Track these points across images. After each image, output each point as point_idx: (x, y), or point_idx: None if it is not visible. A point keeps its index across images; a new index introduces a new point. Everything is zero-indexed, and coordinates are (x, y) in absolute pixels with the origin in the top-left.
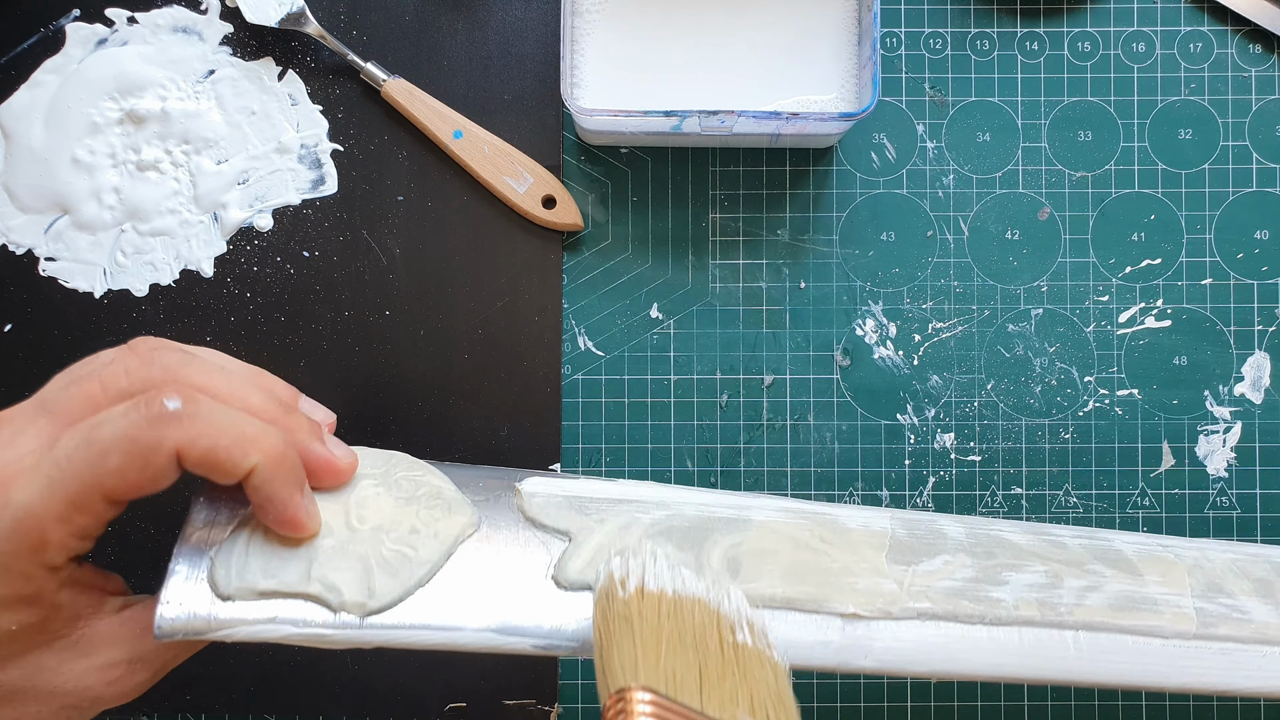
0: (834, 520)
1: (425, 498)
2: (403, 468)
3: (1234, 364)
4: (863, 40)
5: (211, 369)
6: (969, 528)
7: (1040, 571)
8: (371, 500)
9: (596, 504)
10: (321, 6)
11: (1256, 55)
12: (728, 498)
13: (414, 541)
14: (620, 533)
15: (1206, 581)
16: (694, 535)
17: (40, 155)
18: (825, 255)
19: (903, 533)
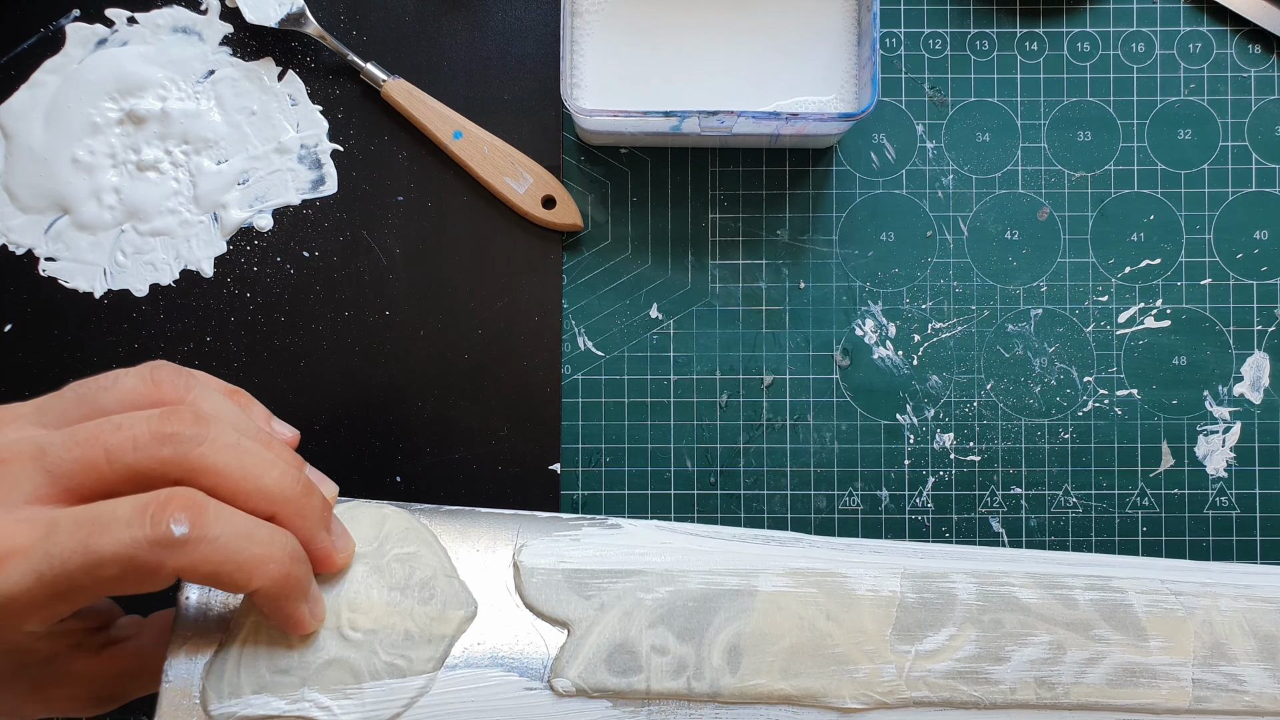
0: (843, 585)
1: (418, 589)
2: (395, 543)
3: (1233, 364)
4: (862, 40)
5: (226, 448)
6: (980, 585)
7: (1044, 643)
8: (364, 598)
9: (599, 581)
10: (321, 7)
11: (1256, 55)
12: (736, 556)
13: (408, 649)
14: (622, 621)
15: (1212, 643)
16: (698, 618)
17: (40, 155)
18: (825, 255)
19: (912, 598)
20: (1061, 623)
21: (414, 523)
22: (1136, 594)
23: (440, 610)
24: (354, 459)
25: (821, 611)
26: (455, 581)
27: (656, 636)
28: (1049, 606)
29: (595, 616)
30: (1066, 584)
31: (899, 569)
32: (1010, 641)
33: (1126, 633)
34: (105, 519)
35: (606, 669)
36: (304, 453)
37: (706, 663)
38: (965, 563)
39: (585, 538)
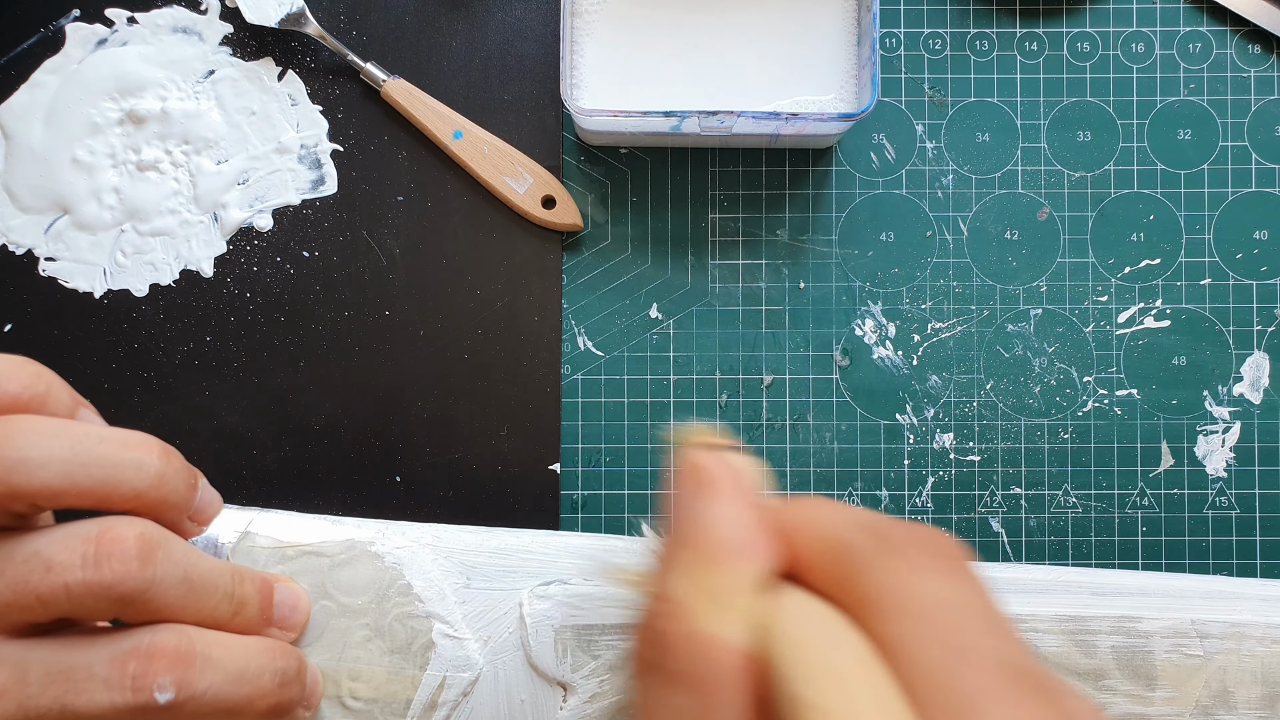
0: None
1: (421, 652)
2: (396, 600)
3: (1233, 364)
4: (862, 40)
5: (175, 586)
6: None
7: None
8: (364, 666)
9: (608, 638)
10: (321, 7)
11: (1256, 56)
12: None
13: (408, 716)
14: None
15: (1219, 691)
16: None
17: (40, 155)
18: (824, 255)
19: None
20: (1075, 671)
21: (418, 570)
22: (1161, 638)
23: (443, 676)
24: (354, 459)
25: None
26: (460, 644)
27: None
28: (1067, 654)
29: (601, 679)
30: (1092, 629)
31: None
32: None
33: (1136, 682)
34: (81, 674)
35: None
36: (305, 456)
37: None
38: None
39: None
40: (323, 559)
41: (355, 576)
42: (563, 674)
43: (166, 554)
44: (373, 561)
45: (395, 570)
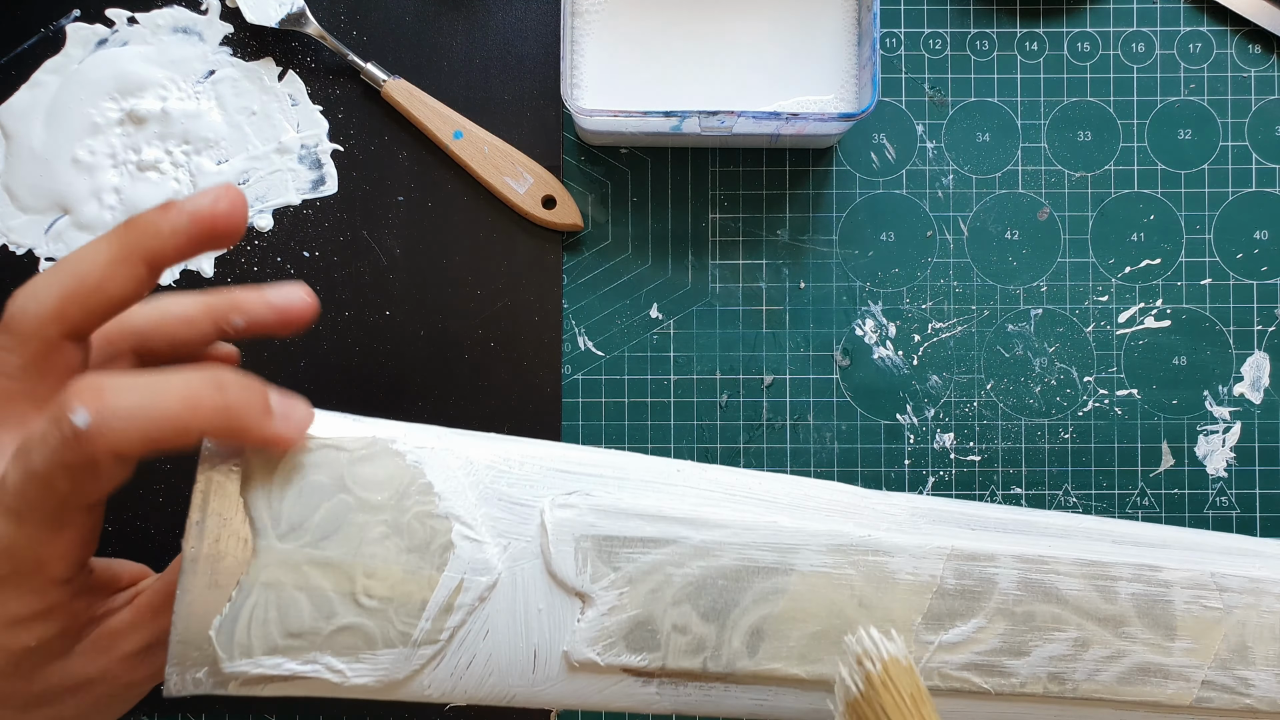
0: (883, 567)
1: (439, 553)
2: (416, 498)
3: (1233, 364)
4: (862, 41)
5: (136, 375)
6: (1024, 572)
7: (1069, 639)
8: (380, 563)
9: (629, 550)
10: (321, 7)
11: (1256, 55)
12: (772, 526)
13: (425, 618)
14: (647, 598)
15: (1238, 645)
16: (725, 597)
17: (40, 155)
18: (825, 255)
19: (951, 583)
20: (1094, 617)
21: (440, 469)
22: (1181, 588)
23: (460, 578)
24: None
25: (854, 596)
26: (479, 546)
27: (680, 615)
28: (1087, 599)
29: (620, 591)
30: (1113, 574)
31: (947, 549)
32: (1036, 636)
33: (1155, 631)
34: (29, 443)
35: (624, 644)
36: None
37: (726, 645)
38: (1018, 543)
39: (631, 492)
40: (342, 453)
41: (375, 472)
42: (582, 584)
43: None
44: (394, 459)
45: (416, 469)
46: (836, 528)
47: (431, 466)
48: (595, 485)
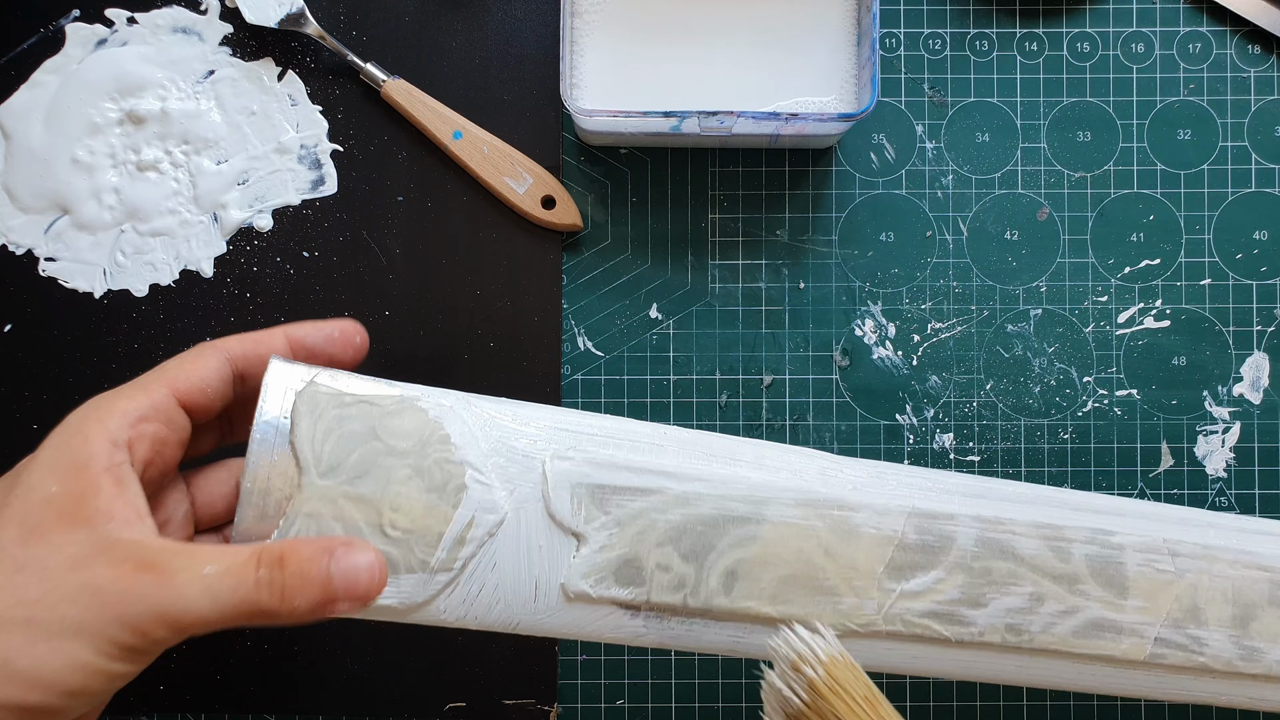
0: (848, 520)
1: (454, 493)
2: (436, 446)
3: (1233, 364)
4: (862, 41)
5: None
6: (982, 530)
7: (1025, 594)
8: (404, 499)
9: (619, 497)
10: (321, 7)
11: (1255, 56)
12: (747, 482)
13: (441, 549)
14: (634, 539)
15: (1189, 606)
16: (704, 540)
17: (40, 155)
18: (824, 256)
19: (913, 538)
20: (1049, 574)
21: (457, 424)
22: (1133, 551)
23: (472, 515)
24: None
25: (820, 546)
26: (489, 489)
27: (663, 555)
28: (1042, 558)
29: (611, 533)
30: (1067, 535)
31: (908, 508)
32: (993, 589)
33: (1109, 589)
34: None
35: (614, 579)
36: None
37: (704, 584)
38: (977, 505)
39: (623, 450)
40: (375, 408)
41: (403, 424)
42: (577, 524)
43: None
44: (418, 414)
45: (437, 423)
46: (805, 485)
47: (450, 421)
48: (590, 443)
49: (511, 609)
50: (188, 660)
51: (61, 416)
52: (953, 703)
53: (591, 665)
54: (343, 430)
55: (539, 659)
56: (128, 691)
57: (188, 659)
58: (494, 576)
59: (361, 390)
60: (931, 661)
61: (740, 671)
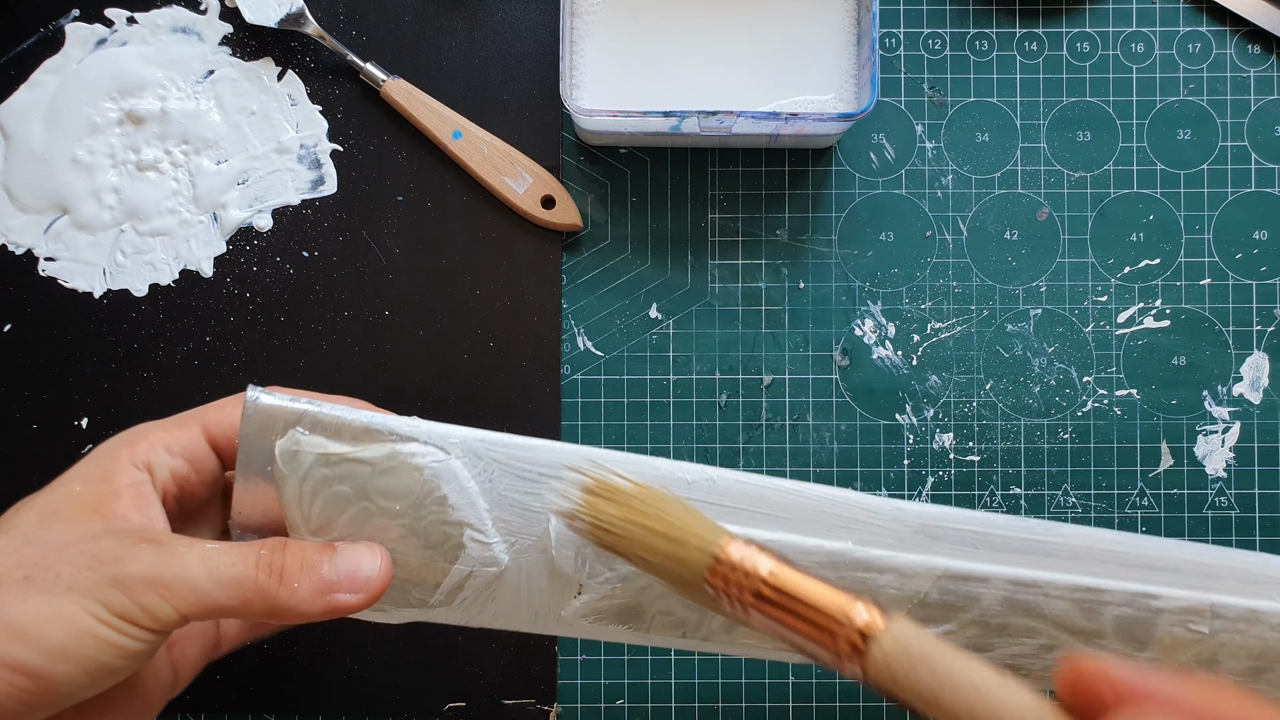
0: (868, 583)
1: (451, 550)
2: (432, 508)
3: (1233, 364)
4: (861, 40)
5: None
6: (1012, 594)
7: (1036, 645)
8: (400, 556)
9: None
10: (321, 7)
11: (1255, 56)
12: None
13: (437, 593)
14: (637, 594)
15: (1206, 659)
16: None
17: (40, 155)
18: (824, 255)
19: (935, 597)
20: (1069, 629)
21: (454, 484)
22: (1170, 613)
23: (470, 570)
24: None
25: None
26: (487, 548)
27: (666, 604)
28: (1068, 617)
29: (614, 586)
30: (1104, 599)
31: (940, 569)
32: (1004, 640)
33: (1128, 644)
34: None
35: (614, 619)
36: None
37: (705, 625)
38: (1018, 566)
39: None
40: (365, 467)
41: (395, 485)
42: (580, 578)
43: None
44: (412, 473)
45: (432, 483)
46: (835, 546)
47: (447, 480)
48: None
49: (511, 625)
50: None
51: (61, 416)
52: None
53: (591, 665)
54: (330, 491)
55: (539, 659)
56: None
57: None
58: (493, 607)
59: (347, 448)
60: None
61: (740, 672)
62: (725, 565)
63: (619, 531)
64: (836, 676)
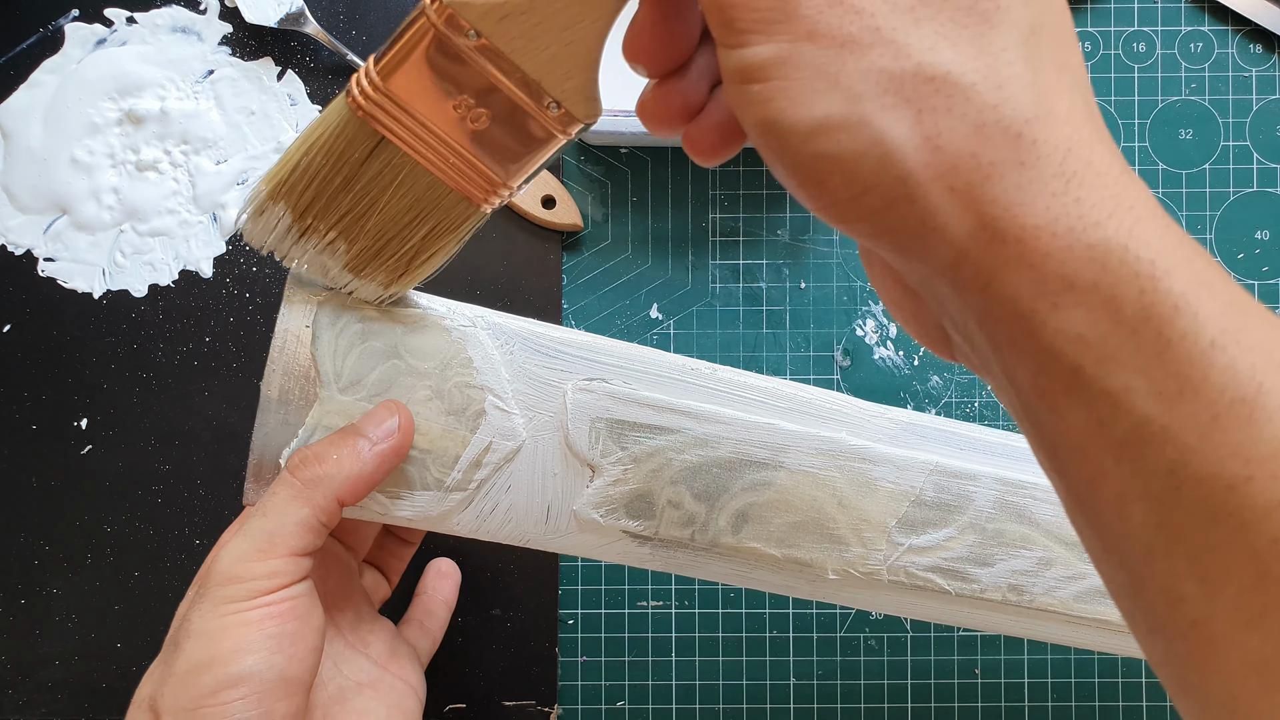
0: (867, 474)
1: (473, 418)
2: (458, 370)
3: None
4: None
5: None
6: (1001, 493)
7: (1034, 558)
8: (423, 420)
9: (637, 434)
10: (321, 7)
11: (1257, 55)
12: (771, 428)
13: (457, 470)
14: (648, 476)
15: None
16: (719, 481)
17: (39, 155)
18: (825, 255)
19: (930, 494)
20: (1061, 540)
21: (480, 348)
22: None
23: (489, 440)
24: None
25: (835, 497)
26: (508, 416)
27: (675, 493)
28: (1058, 524)
29: (625, 468)
30: None
31: (931, 464)
32: (1003, 551)
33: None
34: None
35: (625, 511)
36: None
37: (713, 523)
38: (1002, 465)
39: (647, 386)
40: (398, 325)
41: (424, 343)
42: (593, 457)
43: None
44: (442, 333)
45: (459, 345)
46: (831, 434)
47: (473, 344)
48: (614, 374)
49: (523, 528)
50: None
51: (61, 416)
52: (954, 704)
53: (592, 667)
54: (364, 346)
55: (539, 660)
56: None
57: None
58: (507, 498)
59: (381, 310)
60: (928, 610)
61: (741, 673)
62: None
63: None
64: (837, 677)
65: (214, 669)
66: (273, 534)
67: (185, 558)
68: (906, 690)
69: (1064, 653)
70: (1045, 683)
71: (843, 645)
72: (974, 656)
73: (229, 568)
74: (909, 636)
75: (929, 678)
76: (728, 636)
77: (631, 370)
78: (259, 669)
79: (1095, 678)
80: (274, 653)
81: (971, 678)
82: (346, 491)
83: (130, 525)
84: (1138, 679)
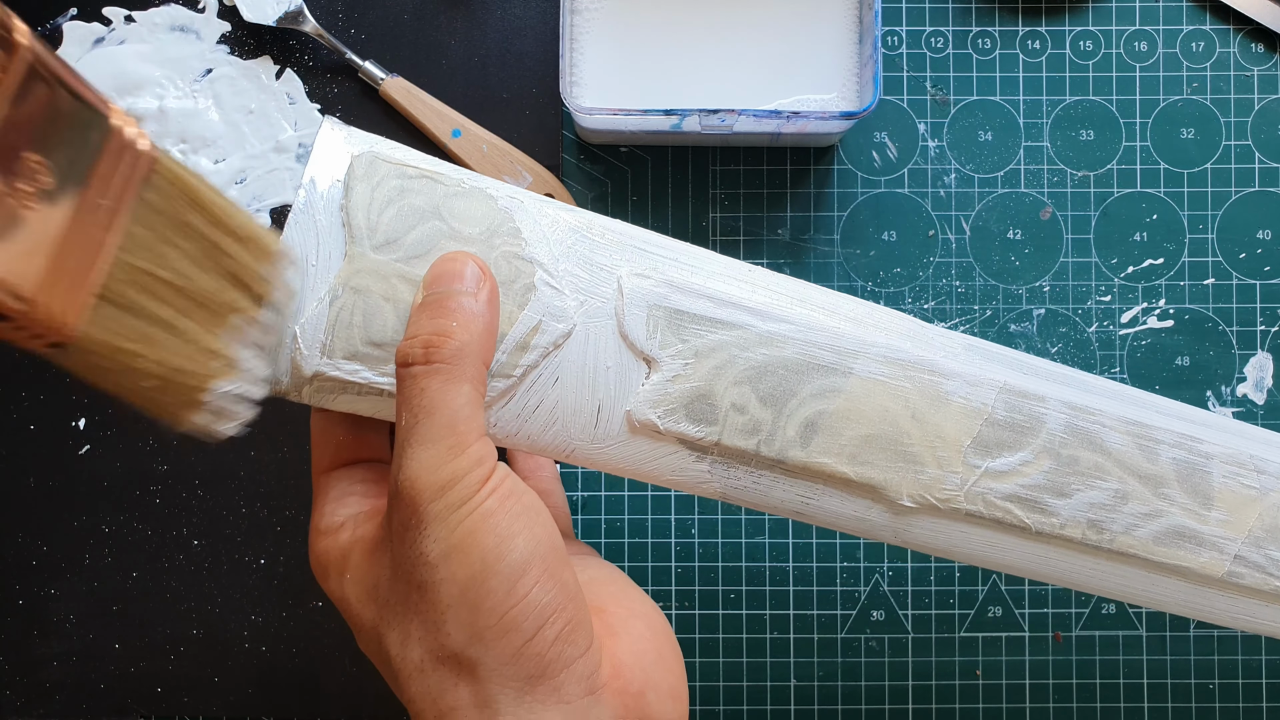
0: (938, 386)
1: (520, 293)
2: (505, 238)
3: (1236, 364)
4: (864, 39)
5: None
6: (1071, 417)
7: (1110, 490)
8: None
9: (698, 327)
10: (320, 5)
11: (1259, 54)
12: (837, 332)
13: (500, 352)
14: (710, 374)
15: (1271, 525)
16: (785, 386)
17: None
18: (826, 255)
19: (1002, 415)
20: (1136, 473)
21: (529, 220)
22: (1220, 462)
23: (539, 319)
24: None
25: (908, 408)
26: (558, 295)
27: (740, 395)
28: (1130, 455)
29: (686, 362)
30: (1155, 436)
31: (1000, 383)
32: (1079, 480)
33: (1193, 498)
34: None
35: (684, 413)
36: (304, 457)
37: (781, 432)
38: (1068, 390)
39: (706, 273)
40: (440, 185)
41: (469, 208)
42: (650, 349)
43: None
44: (487, 200)
45: (506, 214)
46: (896, 344)
47: (521, 215)
48: (673, 267)
49: (569, 431)
50: (185, 663)
51: (60, 416)
52: (954, 705)
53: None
54: (404, 203)
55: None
56: (125, 692)
57: (185, 661)
58: (554, 393)
59: (427, 164)
60: (1006, 552)
61: (742, 675)
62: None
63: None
64: (838, 678)
65: (492, 573)
66: (453, 424)
67: (184, 558)
68: (907, 691)
69: (1064, 653)
70: (1046, 684)
71: (844, 646)
72: (974, 658)
73: (433, 479)
74: (909, 638)
75: (930, 679)
76: (728, 638)
77: (687, 264)
78: (531, 547)
79: (1096, 678)
80: (532, 526)
81: (972, 679)
82: (486, 348)
83: (129, 525)
84: (1139, 679)
